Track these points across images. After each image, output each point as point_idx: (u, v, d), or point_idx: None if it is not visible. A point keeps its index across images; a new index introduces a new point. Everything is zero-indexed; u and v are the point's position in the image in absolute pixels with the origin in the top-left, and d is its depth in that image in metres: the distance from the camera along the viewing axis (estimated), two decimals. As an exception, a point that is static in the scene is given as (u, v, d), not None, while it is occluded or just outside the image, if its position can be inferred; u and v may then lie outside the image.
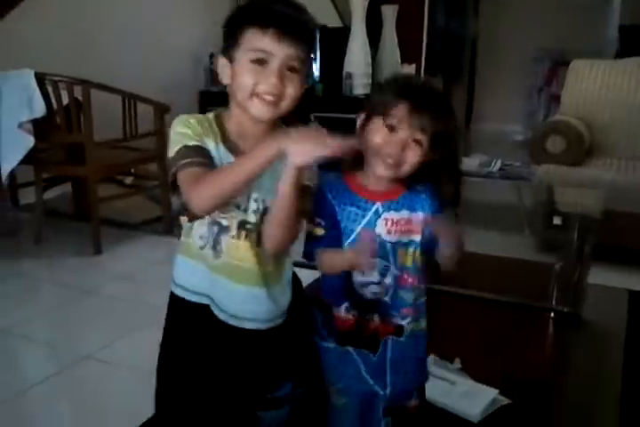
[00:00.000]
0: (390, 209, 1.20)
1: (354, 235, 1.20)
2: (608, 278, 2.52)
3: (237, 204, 1.16)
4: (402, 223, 1.20)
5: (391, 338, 1.23)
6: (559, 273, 2.20)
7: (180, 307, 1.26)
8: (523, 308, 2.08)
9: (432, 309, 1.28)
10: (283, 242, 1.16)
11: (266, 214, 1.15)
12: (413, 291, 1.23)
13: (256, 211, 1.16)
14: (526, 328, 2.00)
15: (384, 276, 1.21)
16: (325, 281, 1.27)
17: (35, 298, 2.73)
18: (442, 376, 1.70)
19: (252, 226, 1.17)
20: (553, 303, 2.11)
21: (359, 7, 4.99)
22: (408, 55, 5.30)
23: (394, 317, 1.23)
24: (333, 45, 5.08)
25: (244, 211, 1.17)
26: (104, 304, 2.62)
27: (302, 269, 1.34)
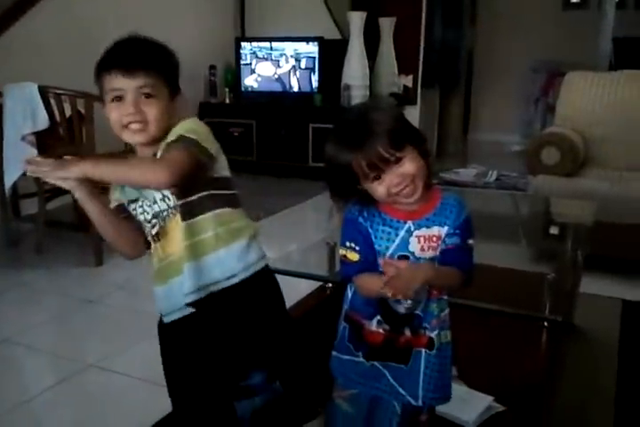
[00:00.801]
0: (422, 226, 1.21)
1: (388, 254, 1.21)
2: (602, 288, 2.56)
3: (146, 219, 1.32)
4: (434, 240, 1.22)
5: (424, 351, 1.25)
6: (553, 283, 2.23)
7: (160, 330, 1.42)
8: (517, 317, 2.11)
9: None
10: (146, 178, 1.21)
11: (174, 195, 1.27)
12: (438, 302, 1.26)
13: (162, 198, 1.28)
14: (521, 337, 2.03)
15: (417, 293, 1.21)
16: (355, 298, 1.28)
17: (36, 308, 2.75)
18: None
19: (166, 212, 1.29)
20: (547, 313, 2.14)
21: (357, 20, 5.06)
22: (405, 66, 5.37)
23: (426, 329, 1.25)
24: (332, 57, 5.15)
25: (151, 218, 1.31)
26: (106, 314, 2.65)
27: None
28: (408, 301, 1.22)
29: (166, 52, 1.35)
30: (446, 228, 1.22)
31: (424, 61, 5.45)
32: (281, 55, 5.30)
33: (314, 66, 5.19)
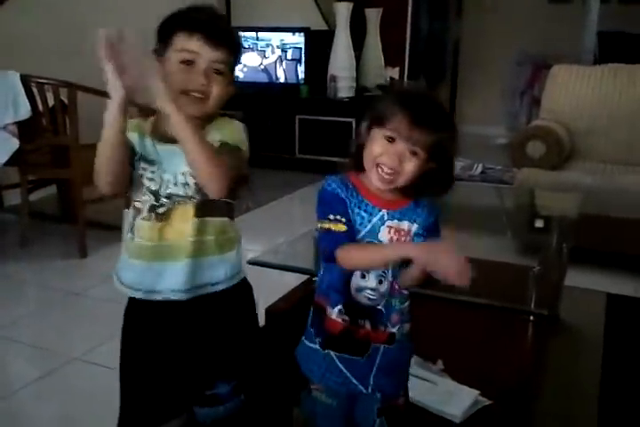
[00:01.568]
0: (394, 218, 1.22)
1: (358, 238, 1.20)
2: (587, 281, 2.57)
3: (149, 188, 1.27)
4: (402, 233, 1.22)
5: (382, 346, 1.26)
6: (538, 276, 2.24)
7: (128, 304, 1.41)
8: (503, 310, 2.12)
9: (414, 311, 1.31)
10: (212, 179, 1.19)
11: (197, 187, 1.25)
12: (400, 297, 1.26)
13: (185, 184, 1.26)
14: (506, 330, 2.04)
15: (380, 283, 1.23)
16: (324, 280, 1.28)
17: (20, 300, 2.73)
18: (424, 377, 1.73)
19: (180, 198, 1.26)
20: (532, 306, 2.15)
21: (343, 10, 5.04)
22: (392, 58, 5.36)
23: (385, 325, 1.25)
24: (318, 48, 5.12)
25: (160, 194, 1.27)
26: (90, 307, 2.64)
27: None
28: (369, 291, 1.22)
29: (239, 39, 1.34)
30: (415, 226, 1.23)
31: (410, 53, 5.44)
32: (267, 46, 5.26)
33: (300, 57, 5.17)
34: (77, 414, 1.93)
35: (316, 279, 1.32)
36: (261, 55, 5.29)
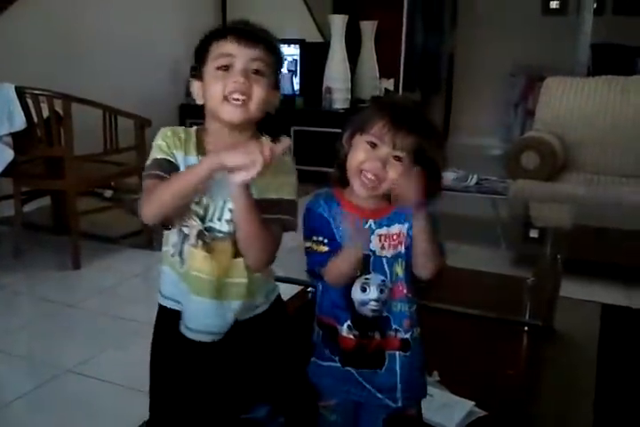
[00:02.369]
0: (382, 225, 1.22)
1: None
2: (581, 292, 2.58)
3: (197, 213, 1.18)
4: (394, 238, 1.22)
5: (398, 354, 1.25)
6: (533, 287, 2.25)
7: (164, 316, 1.29)
8: (498, 321, 2.12)
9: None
10: (259, 258, 1.17)
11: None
12: (408, 301, 1.25)
13: (229, 221, 1.18)
14: (501, 342, 2.04)
15: (382, 292, 1.23)
16: (324, 299, 1.28)
17: (13, 312, 2.72)
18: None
19: (222, 235, 1.18)
20: (527, 317, 2.15)
21: (338, 23, 5.06)
22: (387, 70, 5.37)
23: (397, 331, 1.24)
24: (313, 60, 5.14)
25: (206, 220, 1.19)
26: (83, 318, 2.62)
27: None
28: (373, 302, 1.21)
29: (278, 43, 1.27)
30: (407, 224, 1.22)
31: (405, 65, 5.46)
32: (262, 57, 5.28)
33: (295, 68, 5.18)
34: (70, 426, 1.91)
35: (317, 298, 1.31)
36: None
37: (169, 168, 1.16)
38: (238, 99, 1.15)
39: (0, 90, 3.01)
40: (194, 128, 1.25)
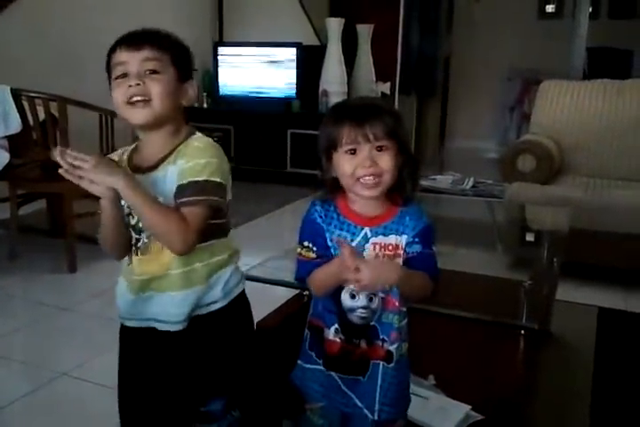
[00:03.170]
0: (379, 234, 1.21)
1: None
2: (578, 295, 2.58)
3: (130, 224, 1.26)
4: (389, 248, 1.21)
5: (382, 364, 1.24)
6: (529, 290, 2.24)
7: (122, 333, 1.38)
8: (494, 325, 2.11)
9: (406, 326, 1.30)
10: (171, 242, 1.18)
11: None
12: (399, 314, 1.24)
13: None
14: (498, 345, 2.03)
15: (371, 300, 1.22)
16: (317, 302, 1.28)
17: (8, 315, 2.71)
18: (416, 392, 1.72)
19: (149, 236, 1.24)
20: (523, 320, 2.14)
21: (335, 26, 5.07)
22: (383, 73, 5.38)
23: (384, 342, 1.23)
24: (310, 63, 5.15)
25: (135, 228, 1.25)
26: (79, 321, 2.61)
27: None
28: (361, 310, 1.21)
29: (173, 36, 1.31)
30: (405, 237, 1.21)
31: (401, 69, 5.48)
32: (259, 61, 5.29)
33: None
34: (65, 430, 1.90)
35: (312, 301, 1.31)
36: (253, 70, 5.32)
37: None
38: (138, 100, 1.20)
39: (-4, 92, 3.01)
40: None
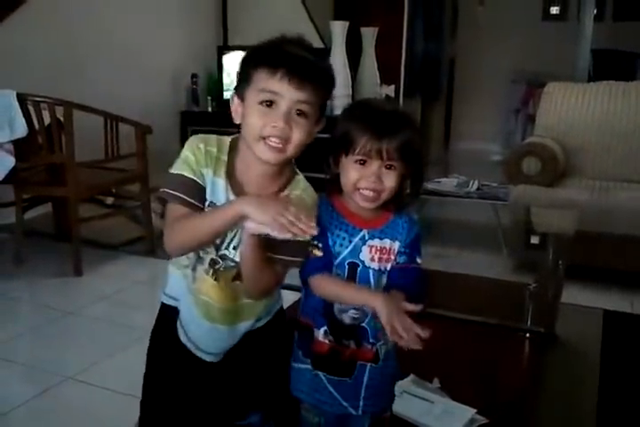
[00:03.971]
0: (375, 237, 1.22)
1: (339, 259, 1.22)
2: (583, 298, 2.57)
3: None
4: (384, 252, 1.22)
5: (369, 365, 1.25)
6: (534, 293, 2.24)
7: (165, 314, 1.30)
8: (499, 328, 2.12)
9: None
10: (256, 289, 1.18)
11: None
12: None
13: (236, 247, 1.17)
14: (503, 348, 2.03)
15: None
16: (307, 302, 1.28)
17: (15, 319, 2.71)
18: (421, 396, 1.73)
19: (228, 265, 1.18)
20: (529, 323, 2.14)
21: (339, 29, 5.07)
22: (387, 76, 5.37)
23: (373, 344, 1.25)
24: (314, 66, 5.15)
25: (221, 248, 1.18)
26: (85, 325, 2.62)
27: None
28: (352, 311, 1.22)
29: (332, 72, 1.21)
30: (398, 243, 1.24)
31: (406, 71, 5.47)
32: (263, 64, 5.29)
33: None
34: (70, 434, 1.91)
35: (300, 299, 1.32)
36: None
37: (196, 193, 1.13)
38: (277, 143, 1.10)
39: (1, 97, 3.02)
40: (228, 140, 1.20)
